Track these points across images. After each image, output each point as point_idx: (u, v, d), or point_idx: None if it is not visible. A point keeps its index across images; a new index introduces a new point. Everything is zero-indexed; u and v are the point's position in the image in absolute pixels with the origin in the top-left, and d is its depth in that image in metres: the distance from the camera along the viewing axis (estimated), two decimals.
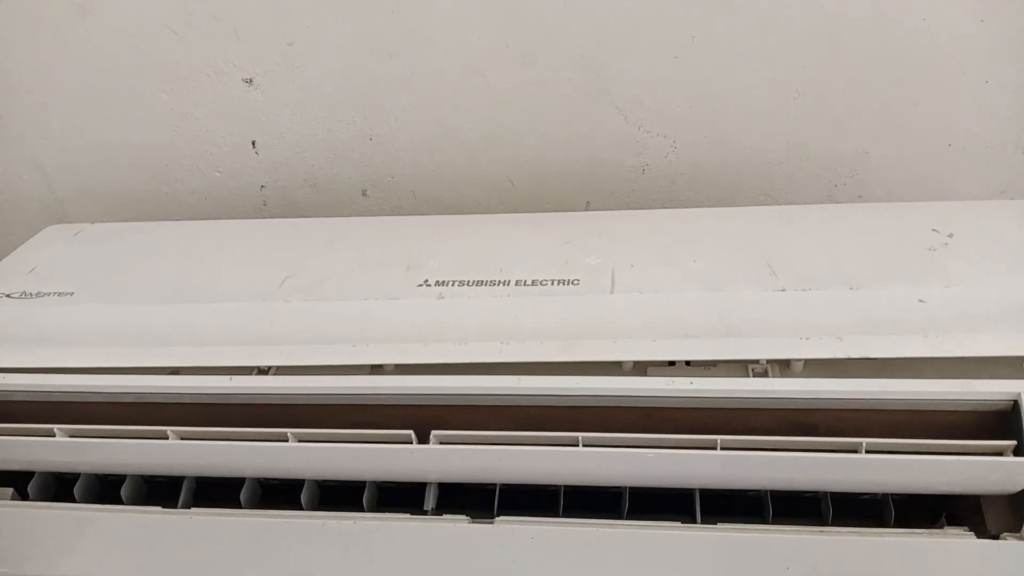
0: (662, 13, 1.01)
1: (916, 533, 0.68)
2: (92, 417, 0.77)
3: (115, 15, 1.06)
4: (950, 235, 0.82)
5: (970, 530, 0.69)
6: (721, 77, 1.06)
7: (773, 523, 0.71)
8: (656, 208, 1.18)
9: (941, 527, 0.70)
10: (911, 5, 1.00)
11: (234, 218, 1.23)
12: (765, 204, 1.17)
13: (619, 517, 0.73)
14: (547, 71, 1.06)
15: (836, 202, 1.16)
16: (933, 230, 0.83)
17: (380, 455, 0.71)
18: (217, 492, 0.76)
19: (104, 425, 0.74)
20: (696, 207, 1.17)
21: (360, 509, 0.74)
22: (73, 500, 0.77)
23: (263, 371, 0.78)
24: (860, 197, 1.16)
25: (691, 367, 0.76)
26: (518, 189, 1.17)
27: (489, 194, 1.18)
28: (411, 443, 0.71)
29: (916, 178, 1.14)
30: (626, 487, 0.73)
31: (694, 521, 0.71)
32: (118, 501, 0.76)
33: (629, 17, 1.02)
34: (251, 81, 1.11)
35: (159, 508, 0.75)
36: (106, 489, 0.80)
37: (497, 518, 0.71)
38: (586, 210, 1.19)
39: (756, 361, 0.73)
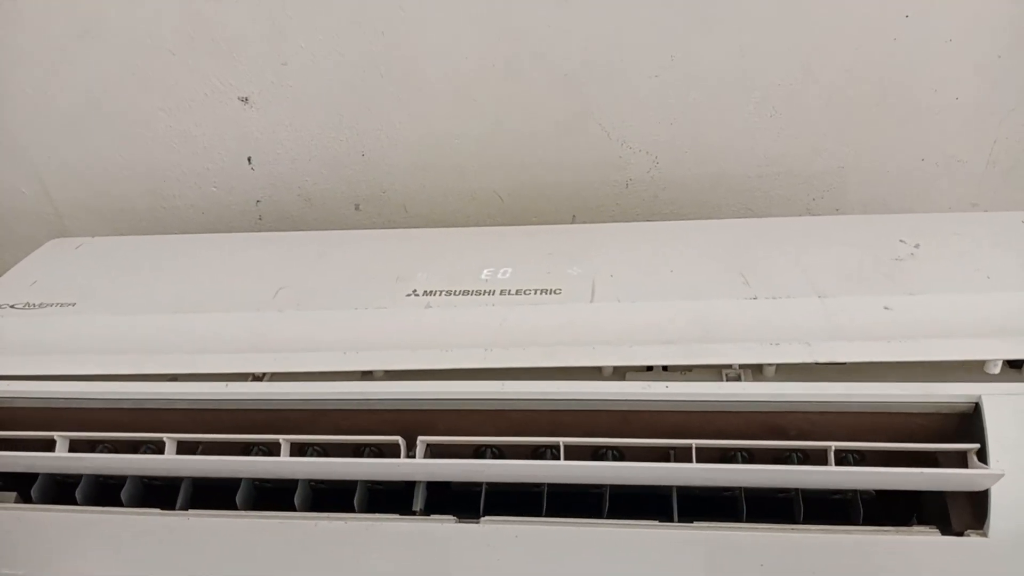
0: (643, 34, 1.05)
1: (884, 531, 0.71)
2: (93, 422, 0.80)
3: (116, 35, 1.10)
4: (916, 245, 0.86)
5: (936, 528, 0.71)
6: (701, 95, 1.10)
7: (747, 522, 0.74)
8: (640, 222, 1.21)
9: (910, 525, 0.73)
10: (884, 26, 1.04)
11: (230, 232, 1.26)
12: (744, 217, 1.20)
13: (600, 516, 0.75)
14: (533, 90, 1.10)
15: (813, 215, 1.20)
16: (901, 241, 0.87)
17: (370, 467, 0.73)
18: (214, 493, 0.78)
19: (104, 433, 0.77)
20: (680, 220, 1.21)
21: (351, 509, 0.77)
22: (75, 502, 0.79)
23: (258, 377, 0.81)
24: (837, 210, 1.20)
25: (668, 372, 0.79)
26: (507, 204, 1.21)
27: (479, 209, 1.21)
28: (399, 449, 0.74)
29: (890, 192, 1.18)
30: (606, 486, 0.76)
31: (671, 520, 0.74)
32: (118, 503, 0.78)
33: (611, 38, 1.06)
34: (247, 100, 1.15)
35: (157, 510, 0.77)
36: (107, 491, 0.83)
37: (483, 518, 0.74)
38: (572, 223, 1.22)
39: (729, 366, 0.76)
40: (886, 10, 1.03)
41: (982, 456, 0.68)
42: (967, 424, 0.71)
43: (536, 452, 0.76)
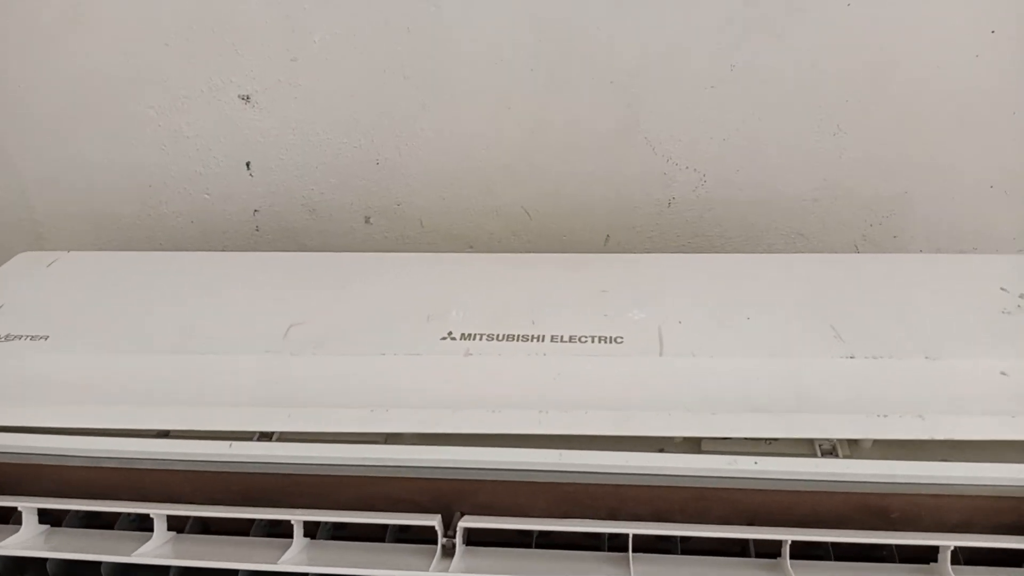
0: (701, 40, 0.94)
1: None
2: (67, 485, 0.68)
3: (107, 25, 0.97)
4: (1021, 296, 0.76)
5: None
6: (759, 110, 0.99)
7: None
8: (680, 244, 1.10)
9: None
10: (963, 42, 0.94)
11: (224, 243, 1.13)
12: (796, 242, 1.10)
13: None
14: (575, 98, 0.99)
15: (869, 242, 1.10)
16: (1002, 289, 0.77)
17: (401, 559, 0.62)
18: None
19: (77, 502, 0.65)
20: (723, 245, 1.10)
21: None
22: None
23: (266, 436, 0.69)
24: (895, 237, 1.10)
25: (748, 441, 0.68)
26: (534, 221, 1.09)
27: (503, 225, 1.10)
28: (435, 531, 0.62)
29: (954, 221, 1.08)
30: None
31: None
32: None
33: (666, 44, 0.95)
34: (248, 98, 1.02)
35: None
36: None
37: None
38: (606, 244, 1.11)
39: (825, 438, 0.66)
40: (972, 24, 0.92)
41: None
42: None
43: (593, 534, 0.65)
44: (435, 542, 0.62)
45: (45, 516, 0.67)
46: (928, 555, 0.62)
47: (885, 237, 1.10)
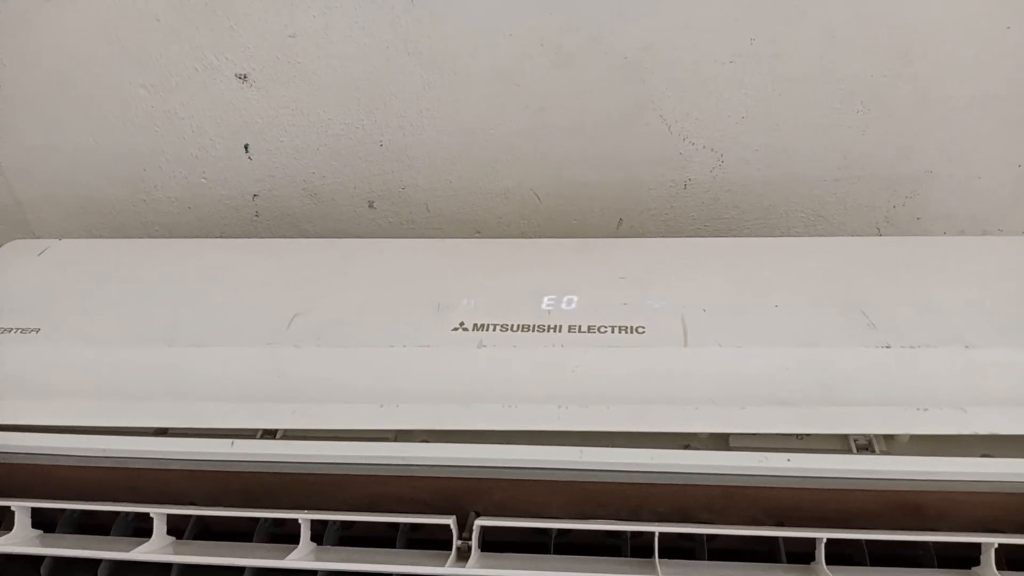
0: (719, 12, 0.90)
1: None
2: (60, 486, 0.65)
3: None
4: None
5: None
6: (780, 86, 0.95)
7: None
8: (696, 228, 1.06)
9: None
10: (995, 13, 0.89)
11: (222, 230, 1.09)
12: (816, 224, 1.06)
13: None
14: (585, 75, 0.94)
15: (892, 223, 1.06)
16: None
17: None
18: None
19: (72, 503, 0.61)
20: (741, 228, 1.06)
21: None
22: None
23: (269, 434, 0.65)
24: (918, 219, 1.06)
25: (778, 436, 0.64)
26: (544, 204, 1.05)
27: (512, 209, 1.06)
28: (450, 531, 0.58)
29: (979, 200, 1.04)
30: None
31: None
32: None
33: (681, 15, 0.90)
34: (246, 77, 0.97)
35: None
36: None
37: None
38: (618, 228, 1.07)
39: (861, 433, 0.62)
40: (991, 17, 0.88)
41: None
42: None
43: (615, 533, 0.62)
44: (448, 545, 0.59)
45: (38, 519, 0.63)
46: (968, 556, 0.59)
47: (908, 219, 1.06)
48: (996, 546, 0.56)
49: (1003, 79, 0.94)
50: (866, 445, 0.62)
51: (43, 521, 0.64)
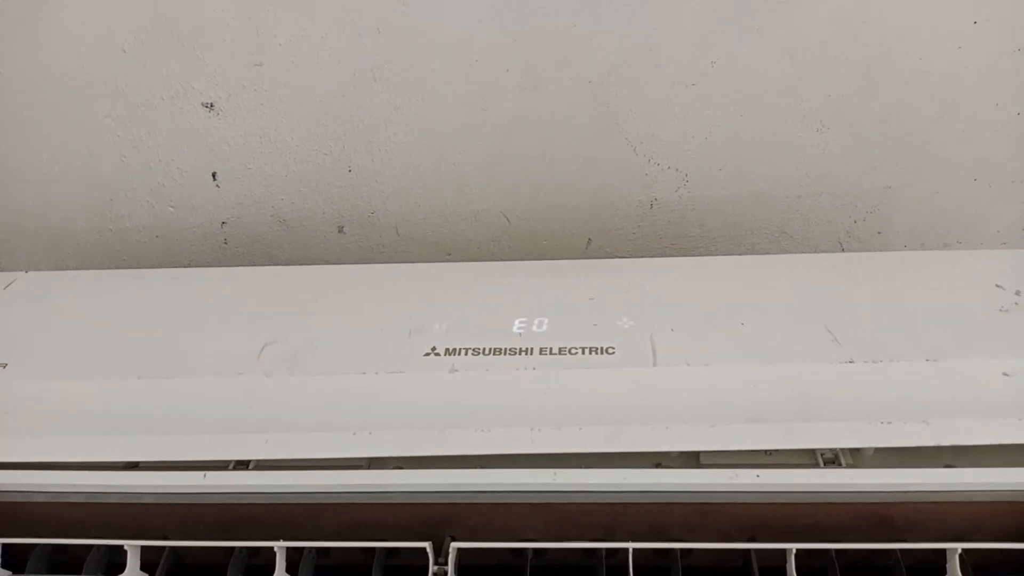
0: (682, 36, 0.92)
1: None
2: (31, 523, 0.64)
3: (59, 29, 0.92)
4: (1018, 292, 0.74)
5: None
6: (742, 107, 0.97)
7: None
8: (663, 247, 1.08)
9: None
10: (948, 34, 0.92)
11: (190, 258, 1.09)
12: (780, 240, 1.08)
13: None
14: (552, 98, 0.95)
15: (854, 238, 1.08)
16: (997, 286, 0.75)
17: None
18: None
19: (44, 539, 0.60)
20: (707, 245, 1.08)
21: None
22: None
23: (242, 465, 0.65)
24: (879, 233, 1.08)
25: (747, 453, 0.65)
26: (513, 226, 1.06)
27: (482, 231, 1.06)
28: (426, 555, 0.59)
29: (939, 214, 1.07)
30: None
31: None
32: None
33: (645, 40, 0.92)
34: (212, 105, 0.97)
35: None
36: None
37: None
38: (587, 248, 1.08)
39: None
40: (955, 15, 0.91)
41: None
42: None
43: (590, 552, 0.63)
44: (425, 571, 0.59)
45: (8, 559, 0.62)
46: (935, 565, 0.60)
47: (869, 233, 1.08)
48: (960, 552, 0.58)
49: (959, 96, 0.97)
50: (832, 459, 0.64)
51: (14, 560, 0.63)
